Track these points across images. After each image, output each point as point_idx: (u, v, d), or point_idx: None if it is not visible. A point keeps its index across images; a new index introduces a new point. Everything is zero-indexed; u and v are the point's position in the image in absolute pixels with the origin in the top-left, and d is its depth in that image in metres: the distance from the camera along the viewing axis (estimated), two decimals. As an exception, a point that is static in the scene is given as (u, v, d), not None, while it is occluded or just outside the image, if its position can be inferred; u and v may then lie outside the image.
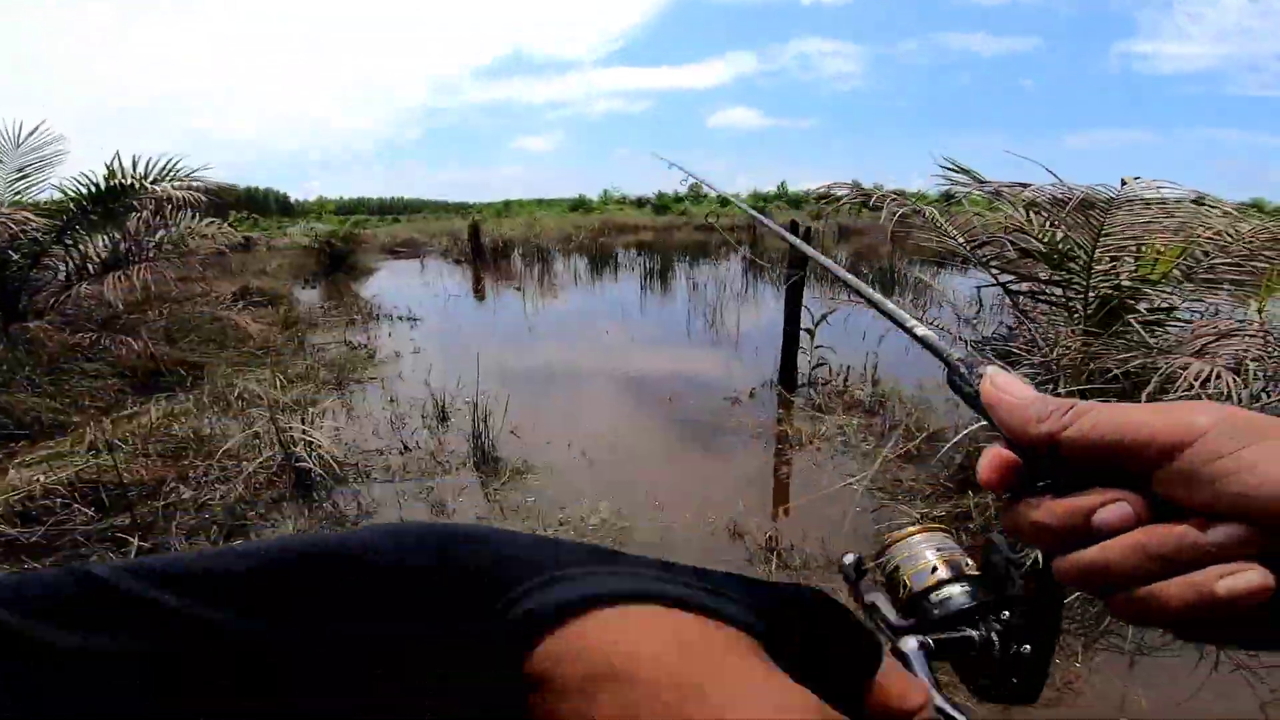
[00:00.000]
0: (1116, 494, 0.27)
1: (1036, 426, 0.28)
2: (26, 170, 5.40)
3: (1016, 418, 0.29)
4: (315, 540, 0.22)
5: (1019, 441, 0.30)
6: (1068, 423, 0.28)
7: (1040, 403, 0.29)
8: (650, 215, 31.23)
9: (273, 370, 5.38)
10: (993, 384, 0.31)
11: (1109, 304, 3.17)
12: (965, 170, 3.25)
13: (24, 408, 4.30)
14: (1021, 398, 0.30)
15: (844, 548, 2.83)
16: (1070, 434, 0.28)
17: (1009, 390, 0.30)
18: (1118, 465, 0.27)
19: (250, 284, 10.20)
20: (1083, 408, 0.28)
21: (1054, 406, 0.29)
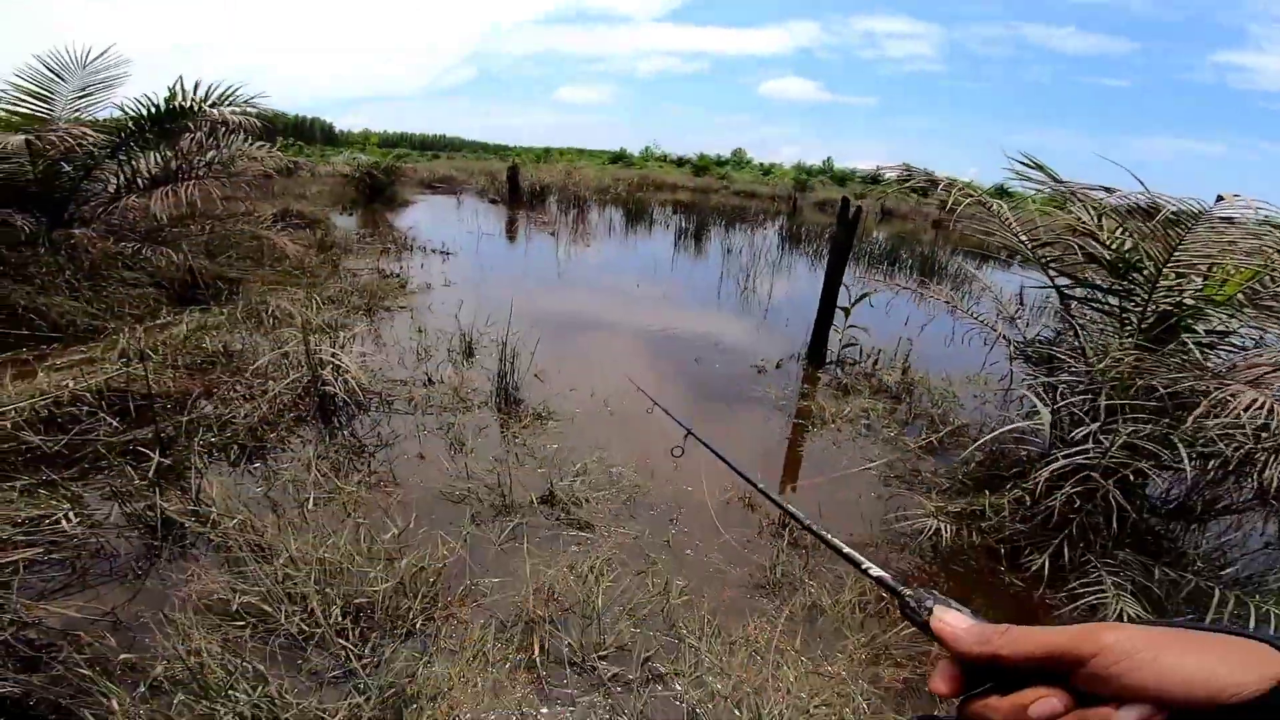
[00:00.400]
0: (1046, 691, 0.36)
1: (980, 648, 0.39)
2: (89, 89, 5.47)
3: (963, 644, 0.40)
4: None
5: (966, 659, 0.40)
6: (1005, 644, 0.38)
7: (980, 630, 0.40)
8: (689, 175, 30.60)
9: (308, 291, 5.43)
10: (941, 620, 0.42)
11: (1166, 320, 3.03)
12: (1040, 166, 3.08)
13: (60, 311, 4.38)
14: (965, 629, 0.40)
15: (855, 532, 2.83)
16: (1007, 652, 0.37)
17: (954, 624, 0.41)
18: (1046, 670, 0.36)
19: (291, 207, 10.25)
20: (1014, 631, 0.38)
21: (991, 632, 0.39)
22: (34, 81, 5.19)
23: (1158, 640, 0.33)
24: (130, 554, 2.28)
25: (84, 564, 2.22)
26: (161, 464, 2.75)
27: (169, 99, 5.21)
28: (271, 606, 1.97)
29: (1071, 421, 3.11)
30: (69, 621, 1.93)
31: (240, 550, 2.20)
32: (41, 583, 2.11)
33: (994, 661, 0.38)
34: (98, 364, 3.78)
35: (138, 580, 2.16)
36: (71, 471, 2.73)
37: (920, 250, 11.33)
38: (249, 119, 5.57)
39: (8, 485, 2.52)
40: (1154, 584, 2.47)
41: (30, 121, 5.17)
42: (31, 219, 5.04)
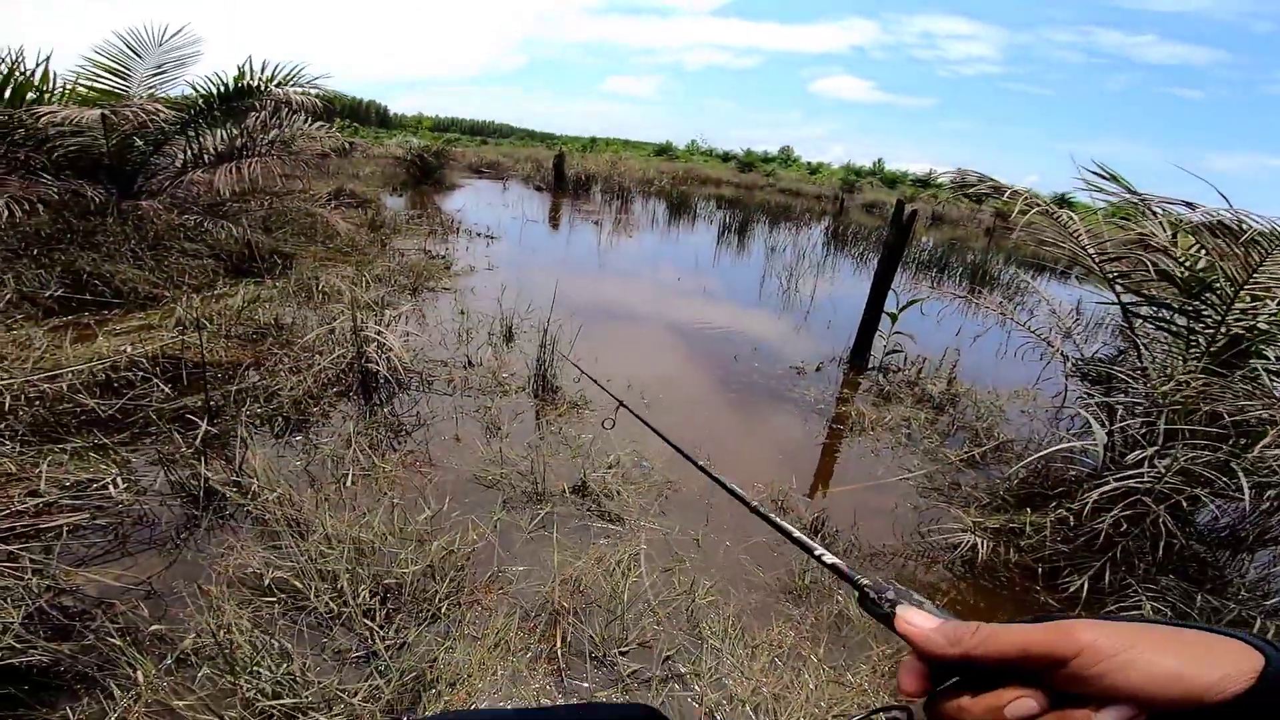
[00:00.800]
0: (1022, 692, 0.35)
1: (951, 650, 0.37)
2: (165, 66, 5.69)
3: (933, 645, 0.38)
4: None
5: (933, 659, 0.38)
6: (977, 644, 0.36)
7: (951, 629, 0.38)
8: (734, 170, 30.27)
9: (357, 268, 5.55)
10: (905, 620, 0.40)
11: (1237, 345, 2.86)
12: (1115, 178, 2.93)
13: (123, 278, 4.57)
14: (933, 629, 0.38)
15: (887, 542, 2.76)
16: (978, 652, 0.36)
17: (921, 625, 0.39)
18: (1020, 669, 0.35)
19: (345, 186, 10.51)
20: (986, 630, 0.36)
21: (961, 633, 0.37)
22: (112, 58, 5.41)
23: (1137, 639, 0.33)
24: (171, 523, 2.29)
25: (126, 531, 2.22)
26: (209, 432, 2.78)
27: (238, 78, 5.37)
28: (303, 584, 1.97)
29: (1126, 444, 2.97)
30: (105, 589, 1.93)
31: (278, 524, 2.21)
32: (84, 548, 2.11)
33: (966, 661, 0.37)
34: (156, 331, 3.93)
35: (176, 550, 2.16)
36: (123, 436, 2.76)
37: (972, 258, 10.98)
38: (310, 99, 5.70)
39: (59, 448, 2.55)
40: (1195, 610, 2.35)
41: (107, 97, 5.39)
42: (102, 190, 5.27)
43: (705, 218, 14.11)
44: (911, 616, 0.40)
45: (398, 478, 2.78)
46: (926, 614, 0.40)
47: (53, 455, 2.47)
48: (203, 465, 2.47)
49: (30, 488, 2.25)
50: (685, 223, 13.12)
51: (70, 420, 2.82)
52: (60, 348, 3.46)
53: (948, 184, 3.41)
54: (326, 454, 2.86)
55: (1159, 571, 2.56)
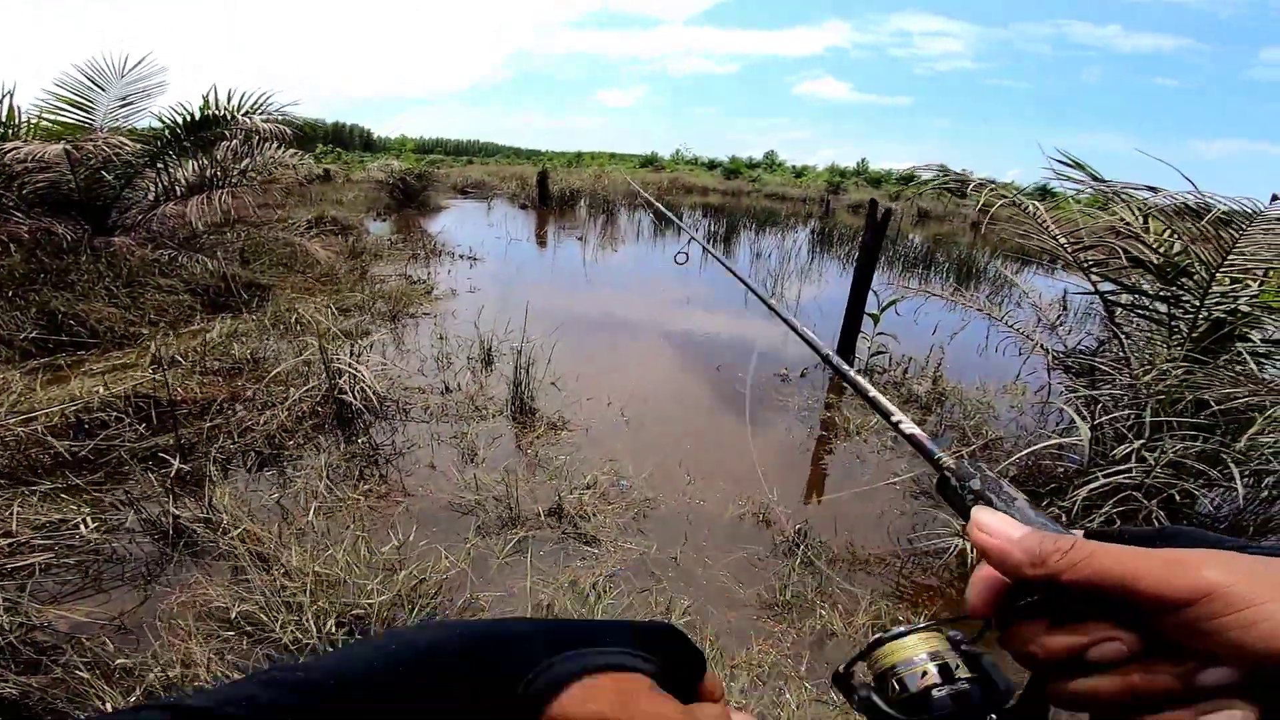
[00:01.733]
0: (1113, 632, 0.29)
1: (1033, 569, 0.30)
2: (129, 98, 5.64)
3: (1011, 561, 0.31)
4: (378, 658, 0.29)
5: (1011, 578, 0.31)
6: (1067, 565, 0.29)
7: (1035, 542, 0.31)
8: (720, 178, 30.40)
9: (327, 298, 5.50)
10: (979, 526, 0.33)
11: (1219, 329, 2.82)
12: (1080, 165, 2.90)
13: (98, 317, 4.52)
14: (1012, 540, 0.31)
15: (875, 547, 2.69)
16: (1069, 576, 0.29)
17: (999, 534, 0.32)
18: (1113, 600, 0.28)
19: (326, 213, 10.48)
20: (1083, 548, 0.29)
21: (1051, 547, 0.30)
22: (73, 90, 5.36)
23: (1270, 588, 0.26)
24: (142, 559, 2.31)
25: (97, 568, 2.26)
26: (181, 470, 2.82)
27: (203, 108, 5.34)
28: (268, 616, 1.97)
29: (1114, 437, 2.92)
30: (76, 625, 1.97)
31: (243, 559, 2.22)
32: (56, 585, 2.16)
33: (1049, 583, 0.30)
34: (131, 370, 3.88)
35: (147, 586, 2.19)
36: (95, 476, 2.77)
37: (957, 253, 10.99)
38: (279, 127, 5.66)
39: (30, 490, 2.60)
40: None
41: (72, 130, 5.34)
42: (73, 227, 5.22)
43: (691, 227, 14.12)
44: (988, 521, 0.33)
45: (370, 507, 2.72)
46: (1009, 518, 0.33)
47: (24, 497, 2.51)
48: (171, 503, 2.49)
49: (3, 529, 2.30)
50: (671, 233, 13.12)
51: (44, 462, 2.83)
52: (34, 390, 3.42)
53: (918, 179, 3.36)
54: (299, 488, 2.80)
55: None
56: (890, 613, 2.31)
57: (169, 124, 5.37)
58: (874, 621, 2.23)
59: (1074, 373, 3.28)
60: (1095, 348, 3.38)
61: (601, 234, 12.25)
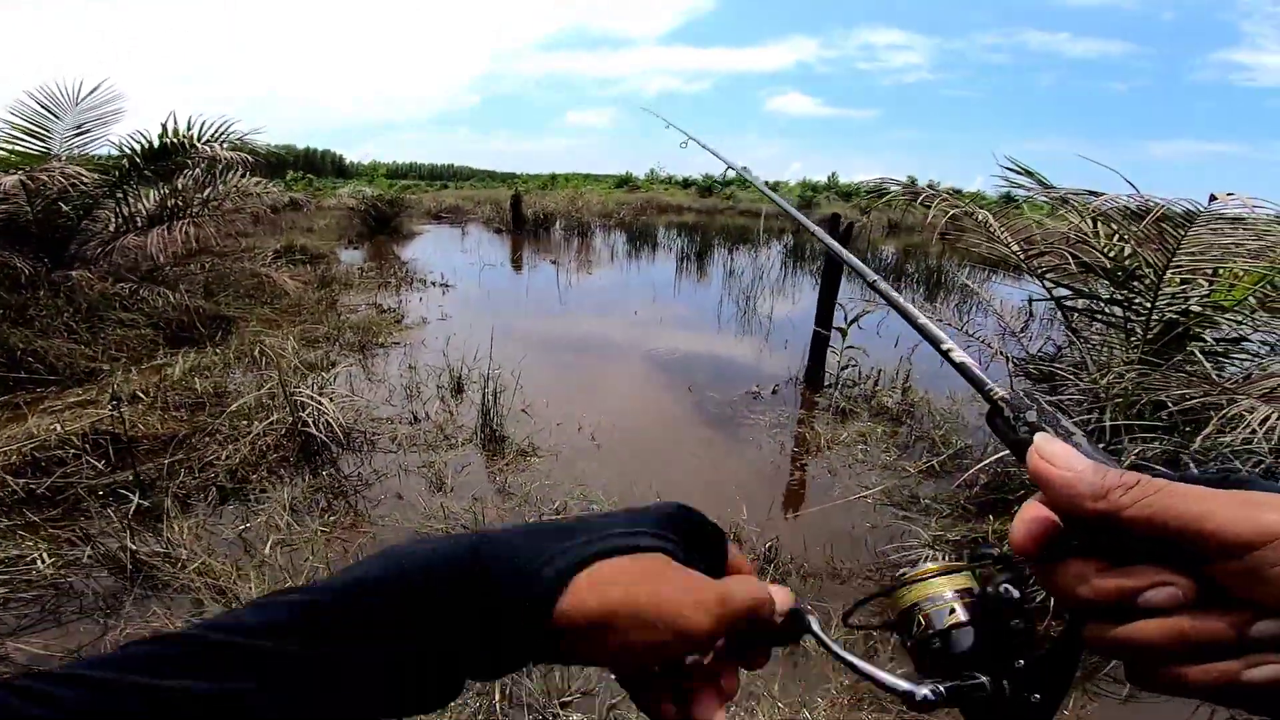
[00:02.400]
0: (1168, 576, 0.27)
1: (1093, 503, 0.28)
2: (86, 126, 5.53)
3: (1070, 493, 0.29)
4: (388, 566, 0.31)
5: (1068, 512, 0.30)
6: (1130, 502, 0.28)
7: (1096, 475, 0.29)
8: (694, 196, 30.75)
9: (287, 330, 5.42)
10: (1041, 454, 0.30)
11: (1173, 330, 2.88)
12: (1029, 172, 2.98)
13: (57, 354, 4.40)
14: (1076, 471, 0.29)
15: (847, 561, 2.68)
16: (1133, 513, 0.27)
17: (1062, 463, 0.30)
18: (1177, 547, 0.27)
19: (296, 242, 10.37)
20: (1148, 485, 0.28)
21: (1113, 481, 0.28)
22: (28, 119, 5.24)
23: None
24: (101, 594, 2.30)
25: (55, 602, 2.26)
26: (141, 505, 2.82)
27: (161, 136, 5.25)
28: None
29: (1078, 441, 2.96)
30: (34, 657, 1.98)
31: (201, 592, 2.22)
32: (15, 619, 2.16)
33: (1107, 521, 0.28)
34: (90, 407, 3.78)
35: (105, 619, 2.18)
36: (54, 513, 2.76)
37: (927, 264, 11.19)
38: (242, 155, 5.59)
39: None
40: None
41: (28, 160, 5.22)
42: (31, 260, 5.10)
43: (666, 246, 14.22)
44: (1053, 449, 0.30)
45: (334, 538, 2.66)
46: (1072, 449, 0.30)
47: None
48: (129, 539, 2.49)
49: None
50: (646, 253, 13.20)
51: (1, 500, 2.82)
52: (-10, 429, 3.34)
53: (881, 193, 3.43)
54: (261, 521, 2.74)
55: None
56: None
57: (127, 153, 5.26)
58: (846, 636, 2.21)
59: (1035, 379, 3.33)
60: (1055, 353, 3.45)
61: (577, 256, 12.29)
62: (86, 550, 2.48)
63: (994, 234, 3.06)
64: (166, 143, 5.28)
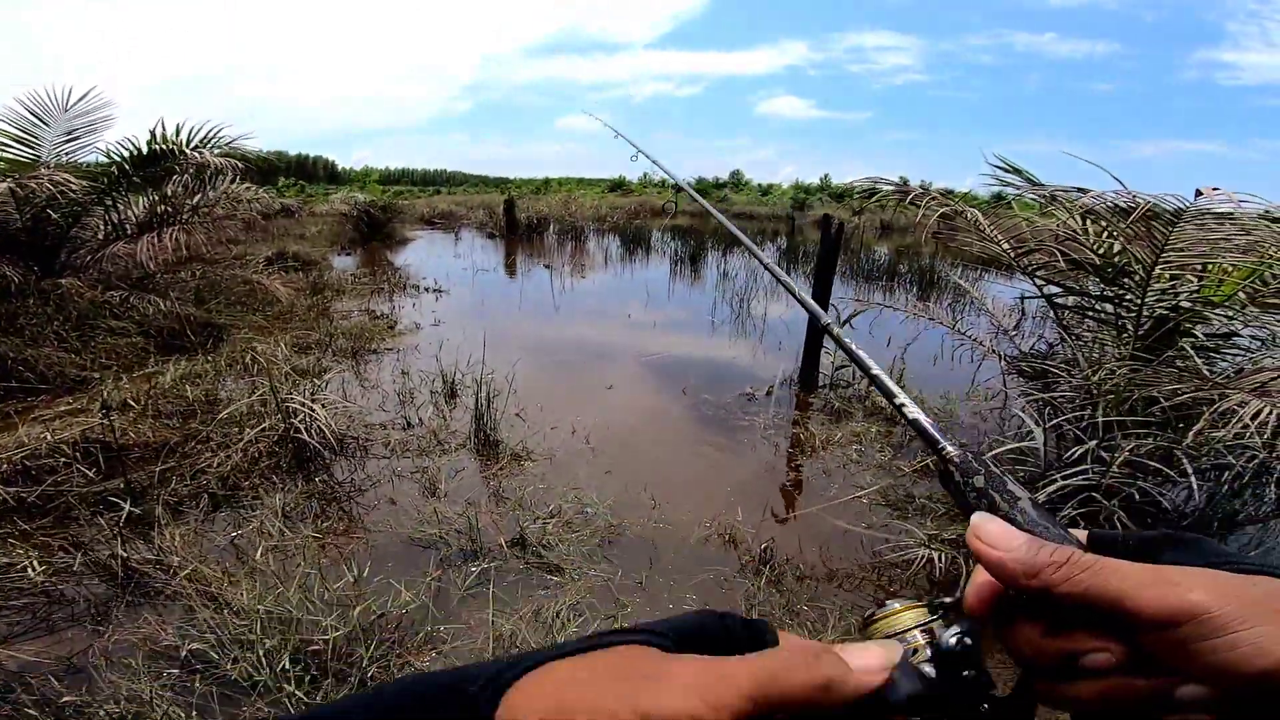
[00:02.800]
0: (1101, 642, 0.30)
1: (1028, 580, 0.31)
2: (75, 133, 5.49)
3: (1003, 571, 0.32)
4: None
5: (1008, 586, 0.32)
6: (1062, 579, 0.30)
7: (1029, 553, 0.31)
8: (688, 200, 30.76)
9: (279, 337, 5.38)
10: (978, 535, 0.33)
11: (1164, 325, 2.89)
12: (1017, 170, 2.99)
13: (48, 362, 4.37)
14: (1009, 551, 0.32)
15: (842, 562, 2.68)
16: (1063, 590, 0.30)
17: (998, 543, 0.32)
18: (1108, 617, 0.29)
19: (288, 248, 10.33)
20: (1078, 562, 0.30)
21: (1046, 560, 0.31)
22: (16, 125, 5.20)
23: (1260, 612, 0.27)
24: (92, 601, 2.29)
25: (46, 610, 2.25)
26: (132, 514, 2.80)
27: (150, 142, 5.21)
28: (219, 654, 1.95)
29: (1071, 438, 2.96)
30: (25, 664, 1.98)
31: (193, 599, 2.21)
32: (7, 626, 2.16)
33: (1045, 591, 0.31)
34: (81, 415, 3.76)
35: (96, 626, 2.17)
36: (45, 521, 2.75)
37: (920, 264, 11.23)
38: (232, 161, 5.55)
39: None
40: None
41: (16, 167, 5.18)
42: (21, 268, 5.06)
43: (659, 249, 14.23)
44: (987, 529, 0.33)
45: (326, 544, 2.64)
46: (1008, 527, 0.33)
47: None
48: (119, 546, 2.49)
49: None
50: (640, 257, 13.21)
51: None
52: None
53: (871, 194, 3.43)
54: (253, 528, 2.72)
55: (1126, 564, 2.51)
56: (859, 628, 2.28)
57: (116, 159, 5.23)
58: (843, 637, 2.21)
59: (1028, 376, 3.34)
60: (1047, 350, 3.46)
61: (570, 260, 12.28)
62: (78, 558, 2.46)
63: (985, 233, 3.07)
64: (156, 149, 5.25)
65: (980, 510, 0.35)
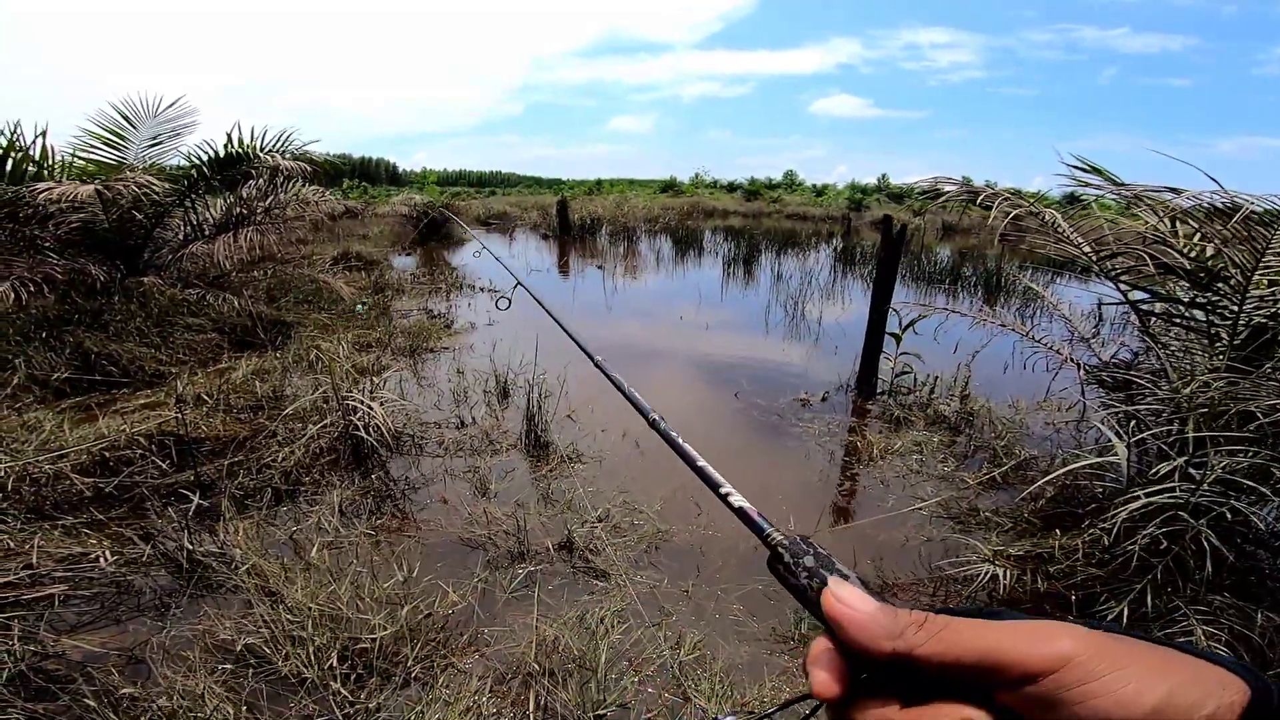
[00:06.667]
0: (966, 711, 0.28)
1: (887, 644, 0.29)
2: (159, 137, 5.82)
3: (865, 634, 0.29)
4: None
5: (864, 653, 0.29)
6: (924, 639, 0.28)
7: (888, 617, 0.30)
8: (739, 200, 30.46)
9: (341, 336, 5.56)
10: (837, 598, 0.31)
11: (1262, 335, 2.65)
12: (1098, 170, 2.79)
13: (130, 357, 4.64)
14: (869, 612, 0.30)
15: (898, 575, 2.56)
16: (926, 650, 0.28)
17: (856, 605, 0.30)
18: (969, 679, 0.28)
19: (352, 249, 10.72)
20: (937, 623, 0.29)
21: (905, 622, 0.29)
22: (107, 130, 5.54)
23: (1126, 656, 0.27)
24: (157, 593, 2.37)
25: (114, 600, 2.33)
26: (200, 506, 2.89)
27: (227, 145, 5.47)
28: (271, 650, 1.98)
29: (1156, 454, 2.75)
30: (89, 655, 2.03)
31: (250, 594, 2.26)
32: (75, 616, 2.23)
33: (901, 659, 0.29)
34: (157, 409, 3.97)
35: (160, 618, 2.24)
36: (119, 512, 2.86)
37: (985, 266, 10.74)
38: (300, 165, 5.77)
39: (54, 524, 2.71)
40: (1254, 631, 2.10)
41: (104, 169, 5.52)
42: (107, 267, 5.39)
43: (711, 251, 14.10)
44: (845, 592, 0.31)
45: (379, 542, 2.70)
46: (863, 592, 0.32)
47: (46, 532, 2.63)
48: (186, 539, 2.55)
49: (25, 561, 2.42)
50: (692, 258, 13.12)
51: (70, 498, 2.94)
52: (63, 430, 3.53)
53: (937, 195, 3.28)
54: (311, 523, 2.80)
55: (1210, 590, 2.31)
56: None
57: (196, 162, 5.51)
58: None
59: (1109, 387, 3.12)
60: (1131, 360, 3.22)
61: (623, 261, 12.30)
62: (147, 549, 2.56)
63: (1062, 234, 2.88)
64: (232, 152, 5.50)
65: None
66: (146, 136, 5.75)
